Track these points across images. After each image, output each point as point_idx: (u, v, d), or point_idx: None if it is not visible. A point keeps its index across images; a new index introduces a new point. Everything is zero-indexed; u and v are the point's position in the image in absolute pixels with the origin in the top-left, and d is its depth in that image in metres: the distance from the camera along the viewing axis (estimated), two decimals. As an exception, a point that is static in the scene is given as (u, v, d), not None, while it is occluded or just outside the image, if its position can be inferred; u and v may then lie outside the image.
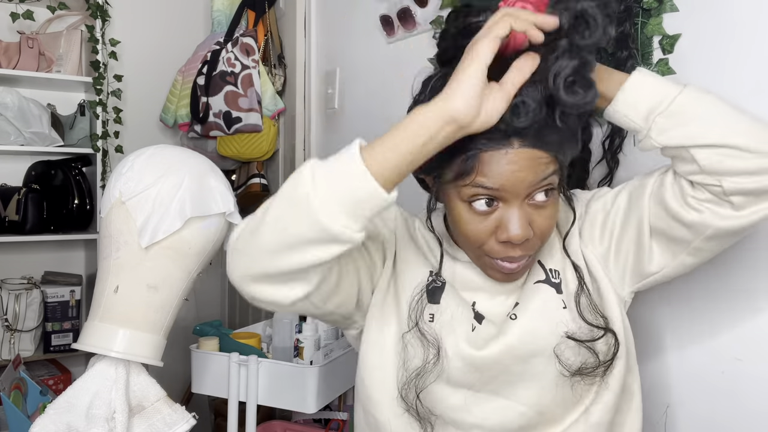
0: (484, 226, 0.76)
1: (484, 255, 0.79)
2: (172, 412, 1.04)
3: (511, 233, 0.74)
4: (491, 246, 0.77)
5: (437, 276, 0.85)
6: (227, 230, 1.10)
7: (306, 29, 2.07)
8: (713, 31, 0.96)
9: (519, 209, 0.74)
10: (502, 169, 0.72)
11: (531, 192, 0.74)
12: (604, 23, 0.69)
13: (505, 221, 0.75)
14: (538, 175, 0.73)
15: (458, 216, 0.77)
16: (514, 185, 0.73)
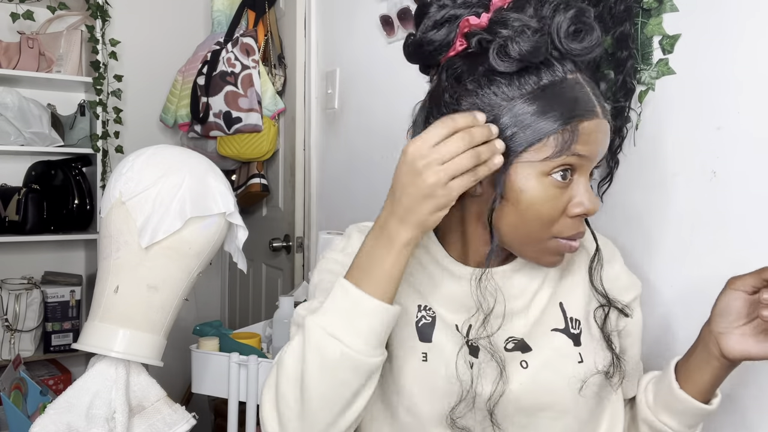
0: (562, 201, 0.72)
1: (550, 238, 0.74)
2: (172, 412, 1.04)
3: (589, 205, 0.72)
4: (562, 224, 0.73)
5: (426, 309, 0.80)
6: (227, 230, 1.10)
7: (306, 29, 2.07)
8: (713, 31, 0.97)
9: (587, 180, 0.74)
10: (595, 137, 0.72)
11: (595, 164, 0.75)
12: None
13: (581, 193, 0.73)
14: (606, 147, 0.75)
15: (537, 195, 0.71)
16: (598, 154, 0.74)
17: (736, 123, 0.93)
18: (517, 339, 0.79)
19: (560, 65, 0.71)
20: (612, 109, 1.08)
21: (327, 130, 2.00)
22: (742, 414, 0.94)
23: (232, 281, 2.74)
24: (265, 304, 2.38)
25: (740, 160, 0.93)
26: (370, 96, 1.77)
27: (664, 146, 1.03)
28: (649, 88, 1.05)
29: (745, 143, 0.92)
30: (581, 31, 0.71)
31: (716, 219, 0.96)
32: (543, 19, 0.71)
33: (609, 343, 0.80)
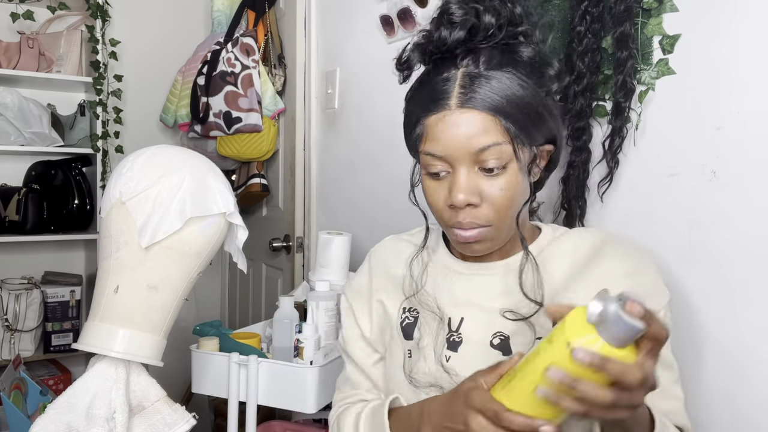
0: (440, 193, 0.79)
1: (447, 226, 0.81)
2: (172, 412, 1.04)
3: (453, 197, 0.76)
4: (446, 214, 0.80)
5: (409, 310, 0.90)
6: (227, 230, 1.10)
7: (306, 29, 2.06)
8: (713, 31, 0.97)
9: (466, 174, 0.76)
10: (444, 133, 0.75)
11: (478, 158, 0.75)
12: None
13: (450, 185, 0.77)
14: (476, 141, 0.74)
15: (424, 186, 0.82)
16: (456, 148, 0.75)
17: (736, 123, 0.94)
18: (504, 335, 0.82)
19: (444, 62, 0.77)
20: (612, 109, 1.09)
21: (327, 130, 2.00)
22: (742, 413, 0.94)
23: (232, 281, 2.74)
24: (265, 304, 2.38)
25: (740, 160, 0.93)
26: (370, 96, 1.77)
27: (664, 146, 1.03)
28: (649, 88, 1.05)
29: (745, 143, 0.92)
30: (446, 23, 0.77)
31: (716, 219, 0.96)
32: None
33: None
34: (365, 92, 1.80)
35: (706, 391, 0.98)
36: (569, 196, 1.14)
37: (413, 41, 0.82)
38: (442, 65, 0.78)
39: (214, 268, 2.81)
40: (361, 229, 1.77)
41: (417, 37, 0.81)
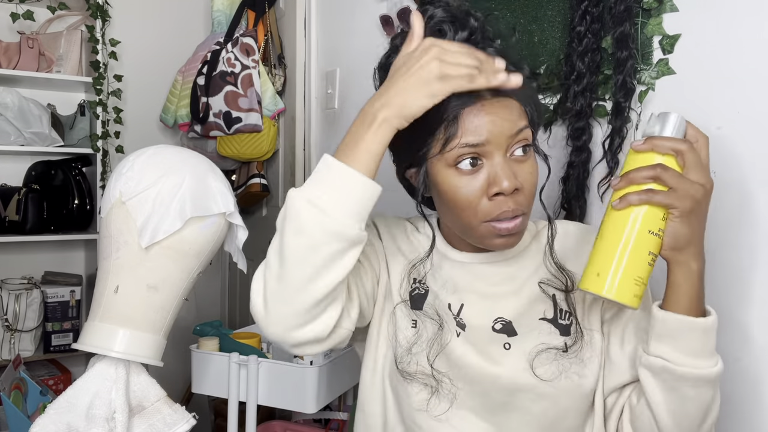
0: (474, 186, 0.76)
1: (480, 222, 0.78)
2: (172, 412, 1.04)
3: (502, 184, 0.75)
4: (484, 207, 0.77)
5: (420, 282, 0.87)
6: (227, 230, 1.10)
7: (306, 29, 2.06)
8: (713, 31, 0.97)
9: (503, 161, 0.76)
10: (482, 121, 0.74)
11: (510, 144, 0.76)
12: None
13: (492, 175, 0.76)
14: (514, 124, 0.75)
15: (449, 186, 0.78)
16: (496, 136, 0.75)
17: (736, 123, 0.94)
18: (505, 320, 0.83)
19: None
20: (612, 109, 1.09)
21: (327, 130, 2.00)
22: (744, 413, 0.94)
23: (232, 281, 2.74)
24: (265, 304, 2.37)
25: (740, 160, 0.93)
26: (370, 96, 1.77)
27: (664, 146, 1.03)
28: (649, 88, 1.05)
29: (745, 143, 0.92)
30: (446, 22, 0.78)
31: (716, 219, 0.96)
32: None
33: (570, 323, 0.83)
34: (365, 92, 1.79)
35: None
36: (569, 196, 1.14)
37: (391, 46, 0.82)
38: None
39: (214, 268, 2.81)
40: (361, 229, 1.77)
41: (395, 42, 0.82)
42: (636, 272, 0.69)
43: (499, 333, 0.83)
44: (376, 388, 0.88)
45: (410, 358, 0.84)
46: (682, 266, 0.71)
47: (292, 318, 0.73)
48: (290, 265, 0.71)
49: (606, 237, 0.70)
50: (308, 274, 0.71)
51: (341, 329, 0.77)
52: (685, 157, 0.69)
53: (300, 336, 0.74)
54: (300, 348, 0.76)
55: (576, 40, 1.11)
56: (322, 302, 0.72)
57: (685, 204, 0.68)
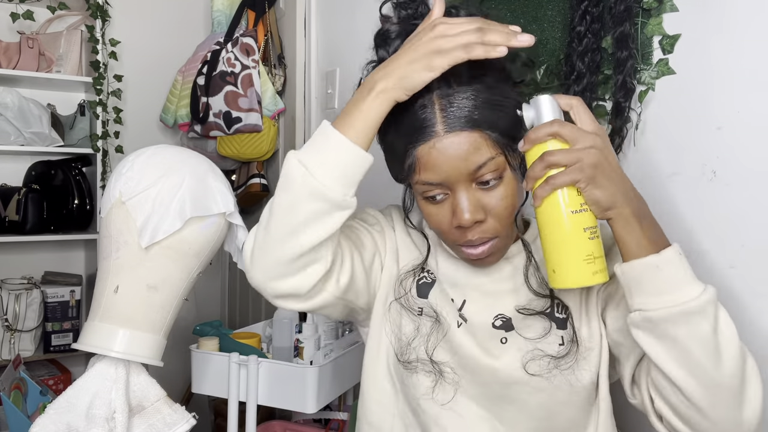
0: (442, 215, 0.79)
1: (452, 244, 0.82)
2: (172, 412, 1.04)
3: (459, 218, 0.76)
4: (452, 234, 0.79)
5: (428, 272, 0.89)
6: (227, 230, 1.10)
7: (306, 29, 2.07)
8: (713, 31, 0.97)
9: (466, 193, 0.76)
10: (436, 161, 0.75)
11: (475, 176, 0.75)
12: None
13: (454, 206, 0.77)
14: (471, 162, 0.74)
15: (422, 209, 0.82)
16: (452, 173, 0.75)
17: (736, 123, 0.94)
18: (505, 317, 0.84)
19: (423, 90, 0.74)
20: (612, 109, 1.09)
21: (327, 130, 2.00)
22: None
23: (232, 281, 2.74)
24: (265, 304, 2.38)
25: (740, 160, 0.93)
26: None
27: (664, 146, 1.03)
28: (649, 88, 1.05)
29: (745, 143, 0.92)
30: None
31: (716, 219, 0.96)
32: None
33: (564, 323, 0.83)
34: (365, 92, 1.80)
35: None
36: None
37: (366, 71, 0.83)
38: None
39: (214, 268, 2.81)
40: (361, 229, 1.77)
41: (367, 67, 0.84)
42: (582, 253, 0.69)
43: (499, 329, 0.84)
44: (380, 376, 0.90)
45: (410, 350, 0.86)
46: (618, 220, 0.69)
47: (273, 267, 0.76)
48: (275, 217, 0.75)
49: (544, 235, 0.72)
50: (289, 228, 0.74)
51: (325, 292, 0.79)
52: (563, 133, 0.69)
53: (279, 287, 0.77)
54: (281, 300, 0.79)
55: (576, 40, 1.11)
56: (302, 258, 0.75)
57: (586, 172, 0.67)
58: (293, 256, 0.74)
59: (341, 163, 0.73)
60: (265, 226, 0.76)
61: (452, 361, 0.84)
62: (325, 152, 0.74)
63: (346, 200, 0.74)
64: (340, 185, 0.73)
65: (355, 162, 0.74)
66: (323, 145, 0.74)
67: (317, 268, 0.76)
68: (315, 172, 0.72)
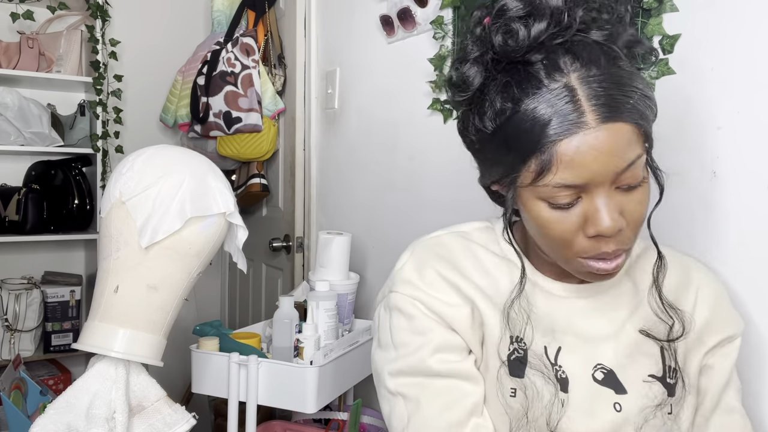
0: (570, 222, 0.66)
1: (575, 257, 0.68)
2: (172, 412, 1.04)
3: (602, 226, 0.64)
4: (580, 244, 0.67)
5: (519, 341, 0.74)
6: (227, 230, 1.10)
7: (306, 29, 2.07)
8: (713, 31, 0.97)
9: (607, 197, 0.64)
10: (583, 158, 0.62)
11: (620, 177, 0.64)
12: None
13: (592, 213, 0.65)
14: (624, 158, 0.63)
15: (538, 218, 0.68)
16: (600, 174, 0.63)
17: (736, 123, 0.94)
18: (606, 369, 0.74)
19: (544, 69, 0.63)
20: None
21: (327, 130, 2.00)
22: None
23: (232, 281, 2.74)
24: (265, 304, 2.38)
25: (740, 160, 0.93)
26: (370, 96, 1.77)
27: (664, 147, 1.03)
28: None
29: (745, 143, 0.92)
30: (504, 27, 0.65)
31: (716, 219, 0.96)
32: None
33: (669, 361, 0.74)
34: (365, 92, 1.80)
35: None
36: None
37: (464, 56, 0.69)
38: (533, 77, 0.64)
39: (214, 268, 2.81)
40: (361, 229, 1.77)
41: (466, 51, 0.69)
42: None
43: (604, 387, 0.73)
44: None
45: (527, 423, 0.73)
46: None
47: None
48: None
49: None
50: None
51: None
52: None
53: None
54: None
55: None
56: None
57: None
58: None
59: None
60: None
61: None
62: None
63: None
64: None
65: None
66: None
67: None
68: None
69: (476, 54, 0.68)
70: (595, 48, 0.64)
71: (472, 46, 0.69)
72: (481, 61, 0.67)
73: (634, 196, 0.66)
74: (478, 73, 0.68)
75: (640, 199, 0.66)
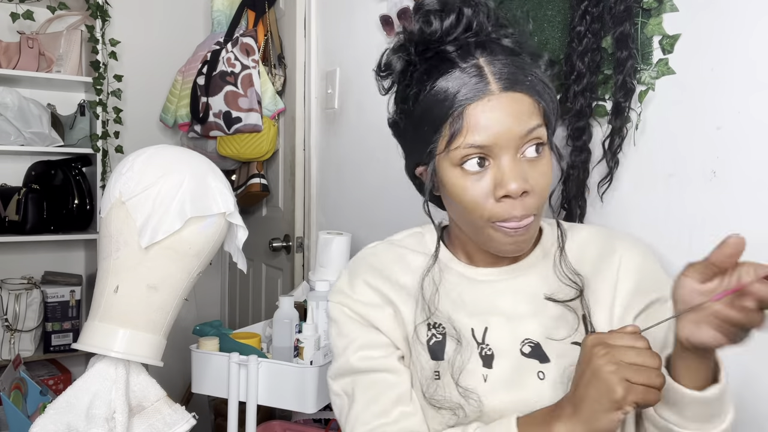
0: (481, 187, 0.74)
1: (488, 225, 0.75)
2: (172, 412, 1.04)
3: (509, 186, 0.72)
4: (492, 209, 0.74)
5: (435, 326, 0.82)
6: (227, 230, 1.10)
7: (306, 29, 2.07)
8: (713, 31, 0.97)
9: (512, 162, 0.73)
10: (489, 120, 0.71)
11: (521, 144, 0.73)
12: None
13: (500, 176, 0.73)
14: (525, 123, 0.72)
15: (454, 186, 0.76)
16: (504, 136, 0.72)
17: (736, 123, 0.94)
18: (533, 342, 0.79)
19: (458, 55, 0.73)
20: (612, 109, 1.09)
21: (327, 130, 2.00)
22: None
23: (232, 281, 2.74)
24: (265, 304, 2.38)
25: (740, 160, 0.93)
26: (370, 96, 1.77)
27: (664, 146, 1.03)
28: (649, 88, 1.05)
29: (745, 143, 0.92)
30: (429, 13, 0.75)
31: (716, 219, 0.96)
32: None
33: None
34: (365, 92, 1.80)
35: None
36: (569, 196, 1.14)
37: (391, 46, 0.80)
38: (447, 61, 0.74)
39: (214, 268, 2.81)
40: (361, 229, 1.77)
41: (393, 41, 0.80)
42: None
43: (530, 358, 0.78)
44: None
45: (436, 386, 0.80)
46: (708, 360, 0.67)
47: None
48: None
49: None
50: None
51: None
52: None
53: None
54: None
55: (576, 40, 1.11)
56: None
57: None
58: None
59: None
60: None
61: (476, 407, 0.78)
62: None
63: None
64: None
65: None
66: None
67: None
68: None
69: (399, 43, 0.79)
70: (503, 48, 0.75)
71: (396, 38, 0.80)
72: (404, 50, 0.78)
73: (537, 167, 0.74)
74: (400, 59, 0.78)
75: (543, 171, 0.74)
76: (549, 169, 0.76)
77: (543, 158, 0.75)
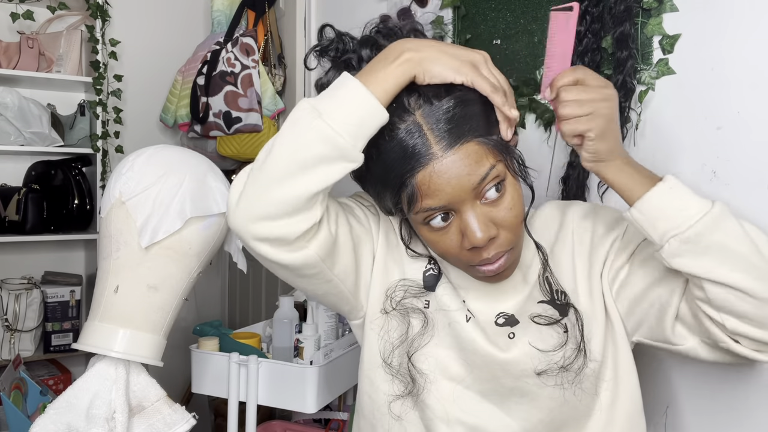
0: (450, 239, 0.76)
1: (466, 266, 0.80)
2: (172, 412, 1.04)
3: (472, 239, 0.74)
4: (465, 256, 0.77)
5: (433, 262, 0.87)
6: (227, 230, 1.10)
7: (306, 29, 2.07)
8: (713, 31, 0.97)
9: (473, 212, 0.74)
10: (438, 185, 0.72)
11: (479, 191, 0.74)
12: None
13: (464, 229, 0.74)
14: (475, 174, 0.72)
15: (426, 239, 0.80)
16: (457, 193, 0.72)
17: (736, 123, 0.94)
18: (507, 314, 0.84)
19: (394, 110, 0.73)
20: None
21: (327, 130, 2.00)
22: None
23: (232, 281, 2.74)
24: (265, 304, 2.38)
25: (740, 160, 0.93)
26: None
27: (664, 147, 1.03)
28: (649, 88, 1.05)
29: (745, 143, 0.93)
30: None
31: (716, 219, 0.96)
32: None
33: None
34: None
35: (707, 391, 0.98)
36: (569, 196, 1.14)
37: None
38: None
39: (214, 268, 2.81)
40: (361, 229, 1.77)
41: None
42: None
43: (503, 326, 0.84)
44: (379, 370, 0.87)
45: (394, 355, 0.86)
46: (611, 169, 0.75)
47: (261, 207, 0.72)
48: (276, 156, 0.71)
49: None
50: (289, 169, 0.70)
51: (307, 249, 0.75)
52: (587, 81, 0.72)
53: (262, 229, 0.72)
54: (260, 243, 0.74)
55: (576, 40, 1.11)
56: (295, 203, 0.71)
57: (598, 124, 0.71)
58: (286, 199, 0.70)
59: (357, 113, 0.70)
60: (260, 165, 0.72)
61: (459, 357, 0.83)
62: (341, 100, 0.70)
63: (354, 152, 0.70)
64: (351, 135, 0.69)
65: (371, 114, 0.70)
66: (340, 94, 0.71)
67: (306, 217, 0.72)
68: (327, 116, 0.69)
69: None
70: (435, 90, 0.73)
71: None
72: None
73: (502, 204, 0.75)
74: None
75: (508, 206, 0.75)
76: (515, 199, 0.76)
77: (506, 193, 0.75)
